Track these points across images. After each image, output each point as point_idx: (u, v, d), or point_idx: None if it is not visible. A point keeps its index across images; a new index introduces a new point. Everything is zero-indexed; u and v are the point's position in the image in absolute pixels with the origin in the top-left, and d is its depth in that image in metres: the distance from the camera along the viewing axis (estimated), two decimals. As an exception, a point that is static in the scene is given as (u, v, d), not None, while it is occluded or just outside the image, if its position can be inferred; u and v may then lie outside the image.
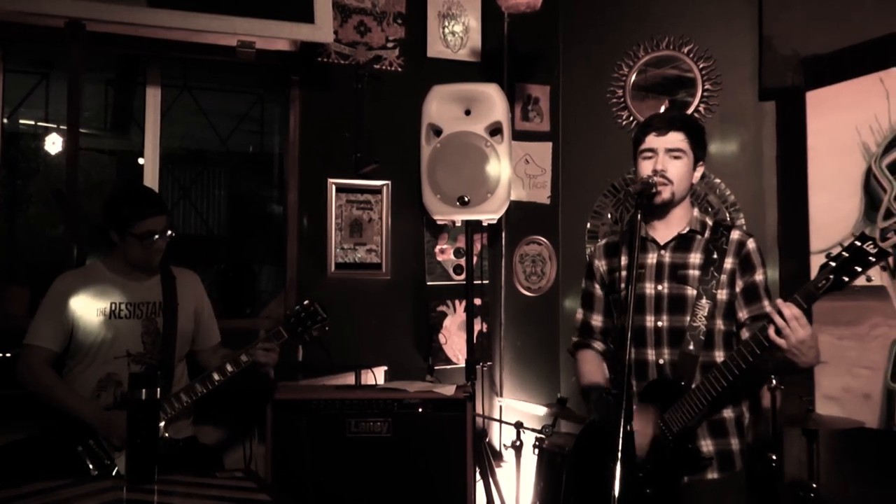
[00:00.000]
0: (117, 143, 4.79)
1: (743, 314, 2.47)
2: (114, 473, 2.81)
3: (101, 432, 2.87)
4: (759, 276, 2.48)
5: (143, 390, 2.16)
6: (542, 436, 3.81)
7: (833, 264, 2.12)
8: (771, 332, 2.17)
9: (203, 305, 3.29)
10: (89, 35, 3.65)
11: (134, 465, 2.15)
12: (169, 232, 3.07)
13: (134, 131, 4.57)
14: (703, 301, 2.44)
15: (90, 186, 4.47)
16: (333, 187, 4.35)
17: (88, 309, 3.01)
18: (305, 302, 3.12)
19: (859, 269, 2.09)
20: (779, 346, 2.17)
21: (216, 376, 3.00)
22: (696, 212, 2.60)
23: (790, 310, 2.15)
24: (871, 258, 2.08)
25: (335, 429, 3.36)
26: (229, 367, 3.01)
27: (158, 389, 2.21)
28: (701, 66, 4.36)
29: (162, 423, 2.89)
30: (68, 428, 2.88)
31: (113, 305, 3.03)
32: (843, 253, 2.11)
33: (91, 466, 2.83)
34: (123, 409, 2.77)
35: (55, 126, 4.51)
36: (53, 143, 4.53)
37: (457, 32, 4.65)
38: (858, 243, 2.10)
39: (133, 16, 3.65)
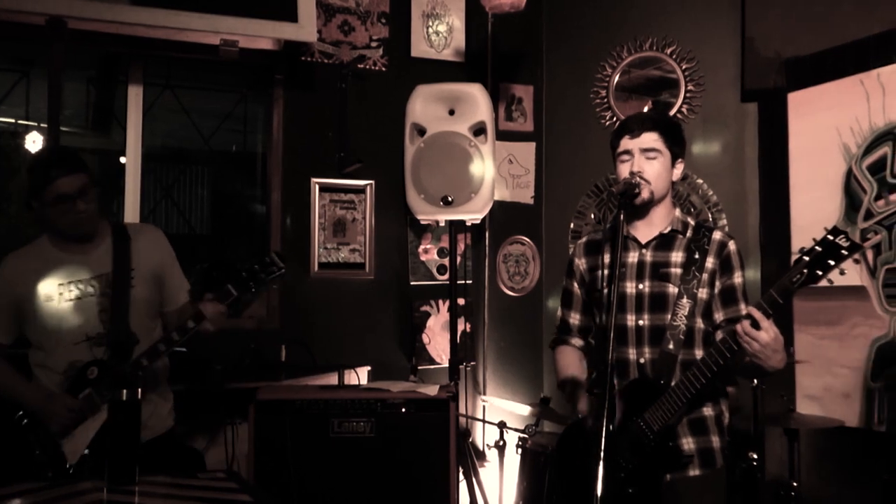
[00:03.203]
0: (99, 141, 4.76)
1: (719, 316, 2.49)
2: (68, 465, 2.65)
3: (41, 417, 2.69)
4: (737, 279, 2.50)
5: (124, 391, 2.14)
6: (526, 435, 3.82)
7: (806, 259, 2.14)
8: (739, 329, 2.19)
9: (166, 263, 2.98)
10: (71, 32, 3.63)
11: (115, 467, 2.13)
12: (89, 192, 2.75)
13: (116, 130, 4.54)
14: (685, 300, 2.45)
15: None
16: (317, 187, 4.34)
17: (36, 296, 2.77)
18: (263, 254, 2.75)
19: (832, 263, 2.11)
20: (745, 350, 2.19)
21: (162, 347, 2.72)
22: (678, 212, 2.61)
23: (753, 313, 2.17)
24: (843, 251, 2.10)
25: (318, 429, 3.34)
26: (175, 336, 2.70)
27: (140, 390, 2.18)
28: (684, 67, 4.38)
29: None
30: (18, 416, 2.71)
31: (61, 288, 2.78)
32: (816, 247, 2.13)
33: (38, 452, 2.66)
34: (70, 393, 2.69)
35: (35, 124, 4.48)
36: (34, 142, 4.49)
37: (441, 32, 4.65)
38: (831, 237, 2.12)
39: (115, 13, 3.62)
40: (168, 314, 2.98)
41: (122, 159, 4.26)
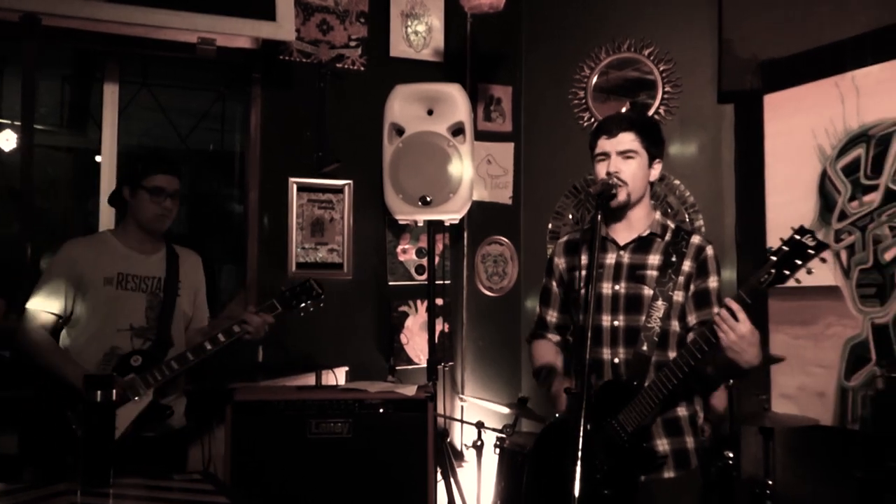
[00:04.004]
0: (74, 140, 4.71)
1: (692, 318, 2.50)
2: None
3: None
4: (712, 283, 2.51)
5: (99, 393, 2.12)
6: (504, 435, 3.83)
7: (774, 258, 2.16)
8: (717, 318, 2.20)
9: (201, 286, 3.33)
10: (45, 29, 3.59)
11: (89, 469, 2.11)
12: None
13: (91, 128, 4.50)
14: (659, 302, 2.47)
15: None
16: (295, 186, 4.32)
17: (95, 276, 3.01)
18: (304, 279, 3.20)
19: (800, 263, 2.13)
20: (720, 341, 2.19)
21: (208, 346, 3.02)
22: (657, 215, 2.62)
23: (731, 304, 2.18)
24: (810, 251, 2.12)
25: (296, 430, 3.34)
26: (221, 338, 3.03)
27: (115, 392, 2.19)
28: (661, 68, 4.40)
29: (150, 391, 2.95)
30: (59, 391, 2.86)
31: (120, 276, 3.04)
32: (784, 247, 2.16)
33: (81, 434, 2.79)
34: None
35: (9, 122, 4.43)
36: (7, 140, 4.43)
37: (420, 32, 4.65)
38: (798, 237, 2.15)
39: (90, 10, 3.59)
40: (190, 331, 3.25)
41: (98, 158, 4.22)
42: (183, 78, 4.83)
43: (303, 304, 3.16)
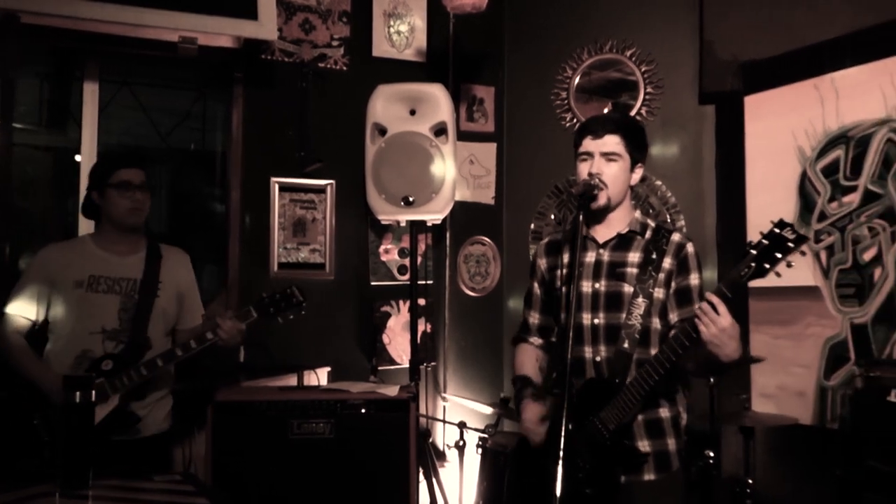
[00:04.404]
0: (53, 139, 4.67)
1: (673, 316, 2.49)
2: None
3: (56, 402, 2.77)
4: (693, 281, 2.51)
5: (77, 393, 2.11)
6: (486, 435, 3.83)
7: (754, 252, 2.15)
8: (698, 310, 2.20)
9: (188, 285, 3.27)
10: (24, 27, 3.56)
11: (68, 470, 2.09)
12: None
13: (71, 127, 4.46)
14: (640, 299, 2.47)
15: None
16: (277, 186, 4.31)
17: (65, 280, 3.00)
18: (285, 285, 3.06)
19: (779, 256, 2.12)
20: (701, 335, 2.19)
21: (178, 352, 2.97)
22: (637, 213, 2.63)
23: (711, 298, 2.18)
24: (790, 244, 2.12)
25: (277, 430, 3.33)
26: (192, 344, 2.97)
27: (94, 391, 2.17)
28: (643, 69, 4.42)
29: (116, 396, 2.90)
30: (29, 397, 2.85)
31: (91, 279, 3.01)
32: (764, 241, 2.15)
33: (47, 440, 2.78)
34: None
35: (-12, 121, 4.38)
36: (-14, 139, 4.39)
37: (402, 32, 4.64)
38: (777, 230, 2.14)
39: (70, 9, 3.56)
40: (181, 332, 3.21)
41: (78, 157, 4.19)
42: (164, 77, 4.80)
43: (282, 313, 3.02)
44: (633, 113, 4.36)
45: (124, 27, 3.71)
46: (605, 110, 4.45)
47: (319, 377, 3.97)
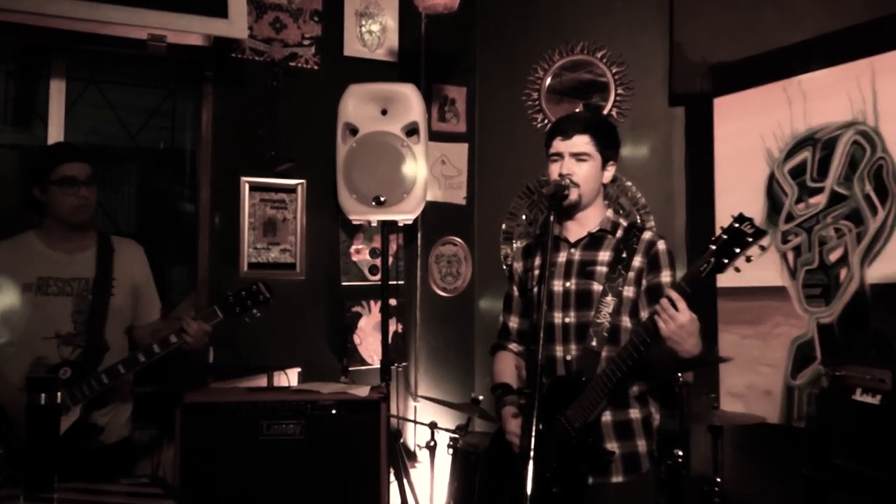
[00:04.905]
0: (19, 137, 4.60)
1: (645, 314, 2.49)
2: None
3: (10, 414, 2.70)
4: (665, 278, 2.51)
5: (42, 395, 2.07)
6: (457, 436, 3.83)
7: (713, 247, 2.18)
8: (657, 308, 2.21)
9: (144, 279, 3.10)
10: (-11, 24, 3.51)
11: (32, 473, 2.06)
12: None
13: (37, 126, 4.39)
14: (609, 297, 2.47)
15: None
16: (247, 186, 4.28)
17: (13, 284, 2.83)
18: (251, 282, 2.93)
19: (738, 251, 2.15)
20: (660, 331, 2.19)
21: (141, 357, 2.82)
22: (609, 212, 2.64)
23: (671, 294, 2.20)
24: (748, 238, 2.14)
25: (247, 432, 3.30)
26: (156, 349, 2.83)
27: (59, 394, 2.13)
28: (614, 70, 4.44)
29: (77, 408, 2.76)
30: None
31: (41, 281, 2.85)
32: (723, 235, 2.17)
33: (2, 454, 2.65)
34: None
35: (-48, 119, 4.32)
36: (-50, 137, 4.32)
37: (374, 31, 4.63)
38: (737, 224, 2.16)
39: (37, 5, 3.51)
40: (139, 328, 3.08)
41: (44, 156, 4.13)
42: (133, 75, 4.74)
43: (248, 311, 2.89)
44: (603, 114, 4.38)
45: (92, 24, 3.66)
46: (577, 111, 4.46)
47: (290, 378, 3.95)
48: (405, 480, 3.82)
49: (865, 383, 2.86)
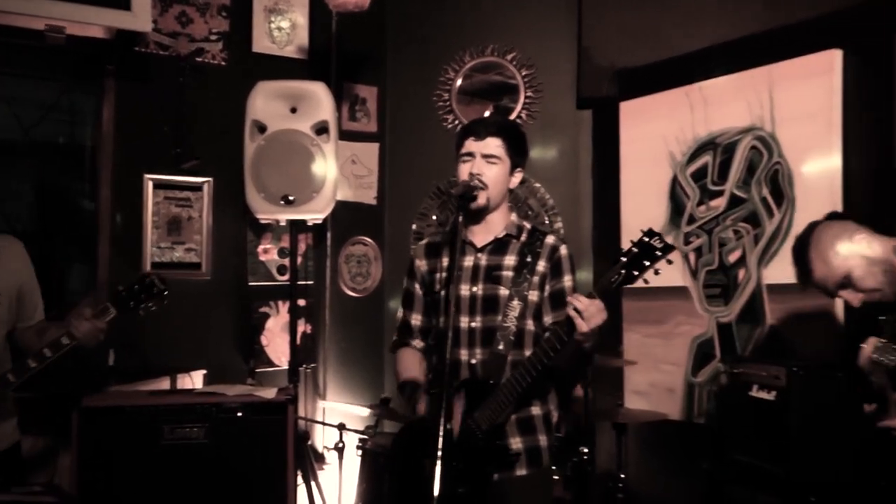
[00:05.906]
0: None
1: (548, 318, 2.55)
2: None
3: None
4: (566, 283, 2.57)
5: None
6: (365, 436, 3.81)
7: (624, 259, 2.26)
8: (570, 311, 2.25)
9: (27, 278, 2.86)
10: None
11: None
12: None
13: (-76, 118, 4.18)
14: (515, 302, 2.51)
15: None
16: (150, 183, 4.16)
17: None
18: (143, 274, 2.76)
19: (647, 264, 2.24)
20: (578, 328, 2.24)
21: (31, 363, 2.62)
22: (513, 216, 2.67)
23: (589, 297, 2.25)
24: (657, 252, 2.23)
25: (149, 436, 3.21)
26: (47, 352, 2.63)
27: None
28: (524, 73, 4.50)
29: None
30: None
31: None
32: (634, 248, 2.26)
33: None
34: None
35: None
36: None
37: (283, 28, 4.57)
38: (647, 239, 2.25)
39: (-77, -9, 3.35)
40: (24, 330, 2.84)
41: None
42: (28, 66, 4.56)
43: (142, 305, 2.72)
44: (513, 116, 4.44)
45: (-16, 13, 3.51)
46: (487, 113, 4.50)
47: (194, 380, 3.86)
48: (313, 482, 3.78)
49: (762, 380, 2.96)
